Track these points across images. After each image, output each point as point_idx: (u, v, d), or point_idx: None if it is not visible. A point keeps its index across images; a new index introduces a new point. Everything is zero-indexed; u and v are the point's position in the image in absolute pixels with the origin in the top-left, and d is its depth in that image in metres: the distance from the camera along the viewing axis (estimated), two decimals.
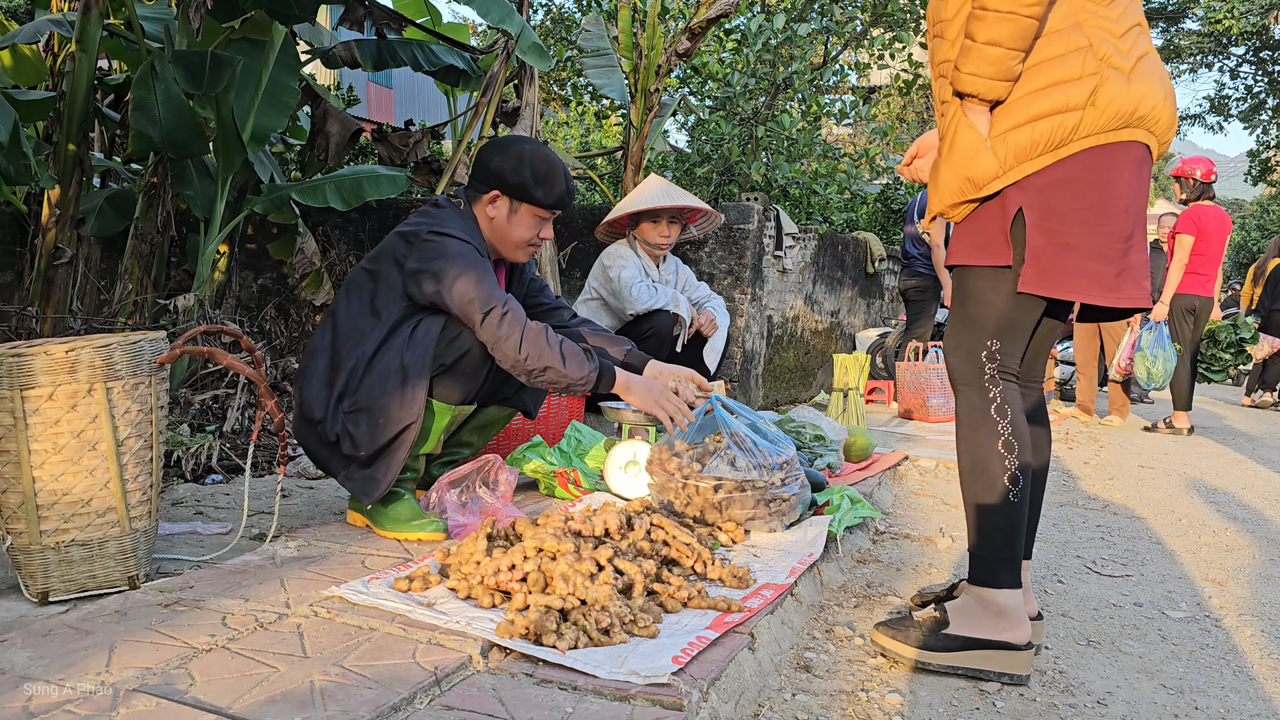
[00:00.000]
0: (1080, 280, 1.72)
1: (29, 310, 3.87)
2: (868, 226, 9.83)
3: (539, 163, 2.41)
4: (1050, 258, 1.71)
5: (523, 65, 4.97)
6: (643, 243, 3.77)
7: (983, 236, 1.78)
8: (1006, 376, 1.82)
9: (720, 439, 2.44)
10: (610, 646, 1.63)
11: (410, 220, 2.39)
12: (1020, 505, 1.80)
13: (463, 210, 2.45)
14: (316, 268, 4.96)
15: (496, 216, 2.44)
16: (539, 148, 2.46)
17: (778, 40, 7.87)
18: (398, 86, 21.27)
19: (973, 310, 1.82)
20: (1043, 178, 1.72)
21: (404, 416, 2.23)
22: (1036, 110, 1.69)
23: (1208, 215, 6.10)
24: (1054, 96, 1.68)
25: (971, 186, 1.77)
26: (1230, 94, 20.28)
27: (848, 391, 4.71)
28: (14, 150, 3.59)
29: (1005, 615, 1.81)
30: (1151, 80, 1.73)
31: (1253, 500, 3.94)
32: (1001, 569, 1.81)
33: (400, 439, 2.25)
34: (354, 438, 2.24)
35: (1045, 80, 1.70)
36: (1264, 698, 1.84)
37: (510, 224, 2.45)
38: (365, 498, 2.27)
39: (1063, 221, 1.71)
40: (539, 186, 2.41)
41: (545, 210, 2.45)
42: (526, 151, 2.42)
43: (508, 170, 2.40)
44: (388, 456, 2.26)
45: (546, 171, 2.42)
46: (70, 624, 1.66)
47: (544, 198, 2.42)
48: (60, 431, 1.79)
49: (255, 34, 4.20)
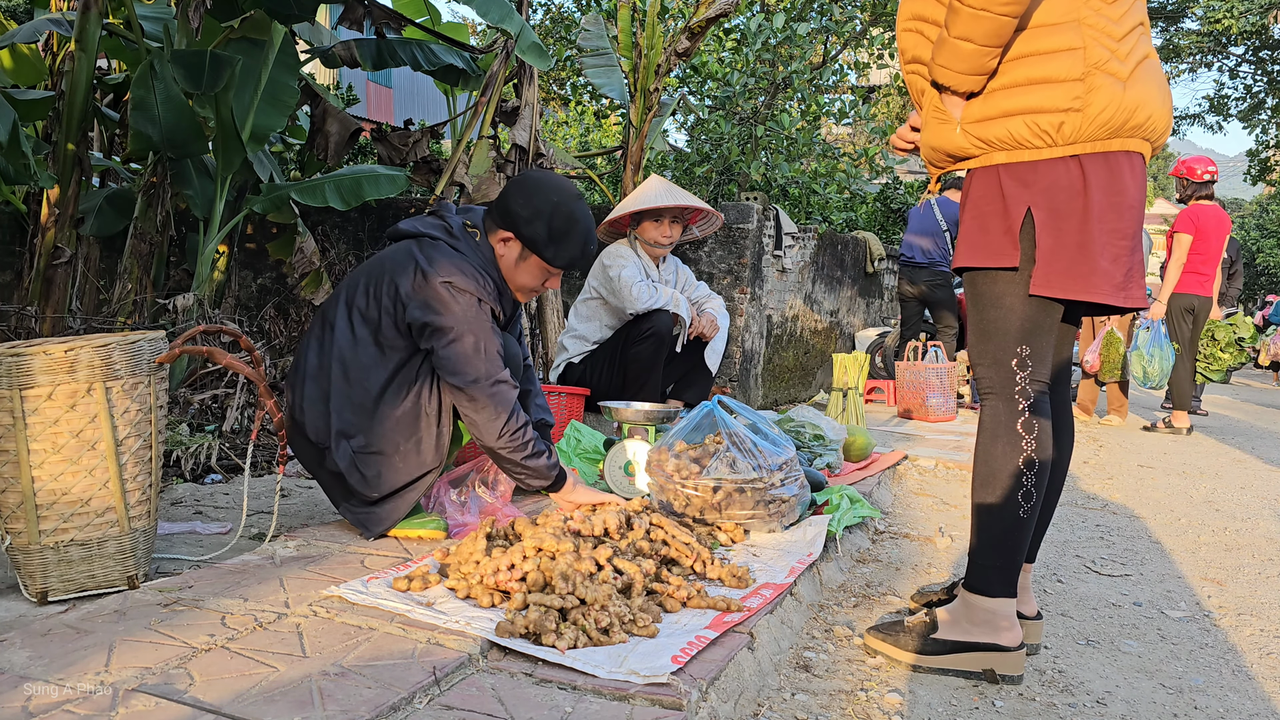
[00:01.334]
0: (1094, 280, 1.71)
1: (28, 310, 3.86)
2: (867, 226, 9.84)
3: (559, 220, 2.26)
4: (1062, 258, 1.70)
5: (522, 65, 4.97)
6: (643, 242, 3.77)
7: (987, 237, 1.77)
8: (1038, 386, 1.79)
9: (720, 439, 2.44)
10: (609, 646, 1.63)
11: (425, 249, 2.23)
12: (1028, 521, 1.79)
13: (479, 242, 2.32)
14: (316, 267, 4.96)
15: (505, 256, 2.32)
16: (565, 202, 2.29)
17: (777, 40, 7.87)
18: (397, 86, 21.27)
19: (992, 315, 1.79)
20: (1043, 178, 1.70)
21: (427, 462, 2.22)
22: (1013, 105, 1.69)
23: (1206, 214, 6.08)
24: (1035, 94, 1.67)
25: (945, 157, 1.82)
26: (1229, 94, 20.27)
27: (847, 391, 4.71)
28: (13, 150, 3.58)
29: (995, 620, 1.81)
30: (1149, 86, 1.71)
31: (1252, 500, 3.94)
32: (998, 579, 1.81)
33: (418, 482, 2.24)
34: (365, 478, 2.20)
35: (1028, 76, 1.68)
36: (1263, 697, 1.84)
37: (516, 269, 2.33)
38: (365, 532, 2.25)
39: (1072, 221, 1.70)
40: (551, 246, 2.28)
41: (554, 268, 2.34)
42: (550, 205, 2.26)
43: (524, 219, 2.26)
44: (398, 498, 2.23)
45: (565, 232, 2.27)
46: (69, 624, 1.65)
47: (553, 258, 2.29)
48: (59, 431, 1.79)
49: (255, 33, 4.19)
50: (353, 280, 2.29)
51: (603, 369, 3.64)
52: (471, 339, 2.16)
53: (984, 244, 1.77)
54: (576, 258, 2.32)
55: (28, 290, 3.94)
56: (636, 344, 3.54)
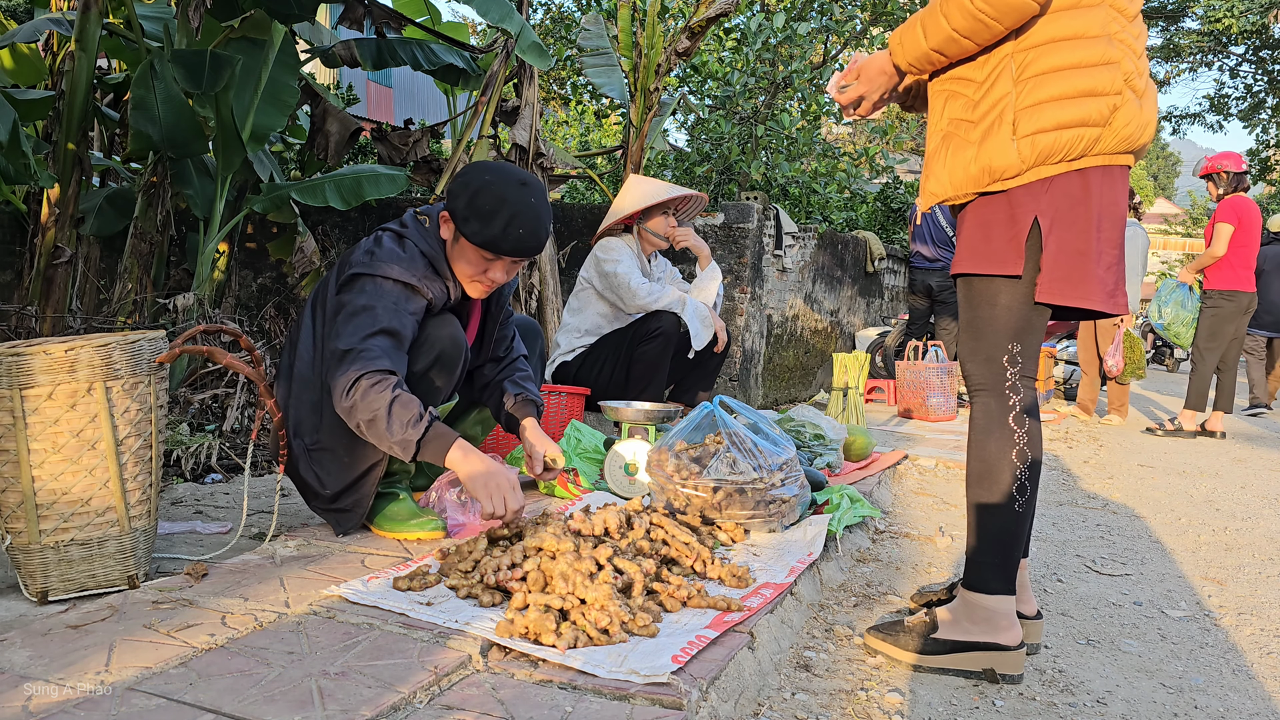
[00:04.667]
0: (1091, 287, 1.74)
1: (28, 309, 3.86)
2: (867, 225, 9.83)
3: (484, 198, 2.11)
4: (1065, 266, 1.72)
5: (522, 64, 4.97)
6: (650, 235, 3.78)
7: (990, 246, 1.77)
8: (1026, 382, 1.82)
9: (720, 440, 2.44)
10: (610, 645, 1.63)
11: (360, 249, 2.19)
12: (1025, 515, 1.81)
13: (428, 229, 2.24)
14: (316, 267, 4.96)
15: (449, 240, 2.22)
16: (499, 184, 2.14)
17: (777, 39, 7.87)
18: (397, 85, 21.26)
19: (986, 315, 1.81)
20: (1056, 188, 1.72)
21: (370, 455, 2.18)
22: (1065, 118, 1.68)
23: (1247, 206, 5.91)
24: (1083, 107, 1.68)
25: (988, 176, 1.75)
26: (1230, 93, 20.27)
27: (847, 390, 4.72)
28: (13, 149, 3.58)
29: (995, 618, 1.82)
30: (1153, 106, 1.76)
31: (1253, 499, 3.94)
32: (996, 575, 1.82)
33: (368, 475, 2.21)
34: (319, 477, 2.20)
35: (1077, 88, 1.69)
36: (1263, 696, 1.84)
37: (454, 253, 2.22)
38: (339, 529, 2.26)
39: (1074, 231, 1.72)
40: (473, 221, 2.12)
41: (484, 250, 2.15)
42: (483, 183, 2.13)
43: (454, 194, 2.15)
44: (354, 492, 2.22)
45: (490, 211, 2.11)
46: (70, 623, 1.65)
47: (472, 234, 2.12)
48: (59, 431, 1.79)
49: (255, 33, 4.19)
50: (323, 281, 2.28)
51: (606, 366, 3.64)
52: (365, 312, 2.06)
53: (988, 252, 1.77)
54: (498, 239, 2.12)
55: (28, 290, 3.94)
56: (644, 343, 3.54)
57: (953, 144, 1.80)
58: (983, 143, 1.74)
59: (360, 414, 1.99)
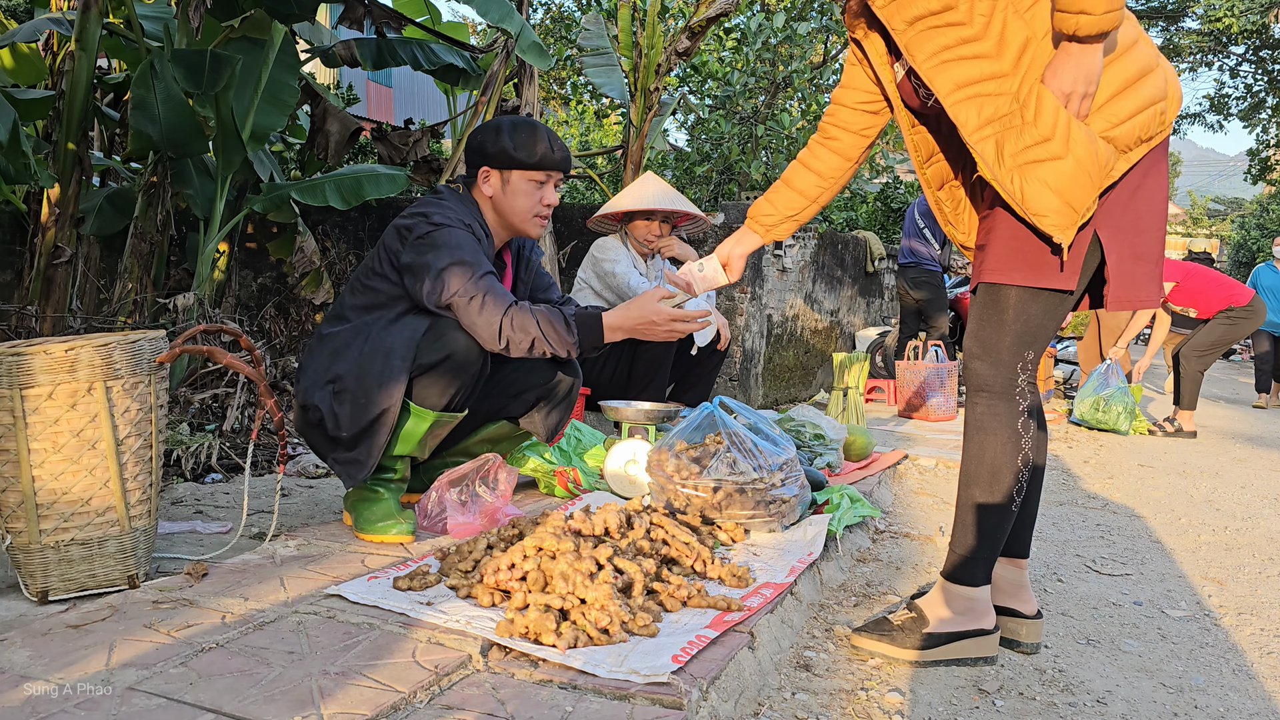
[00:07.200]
0: (1152, 288, 1.74)
1: (29, 309, 3.86)
2: (867, 225, 9.84)
3: (519, 131, 2.39)
4: (1129, 274, 1.72)
5: (522, 64, 4.97)
6: (633, 239, 3.80)
7: (1035, 258, 1.70)
8: (1033, 386, 1.83)
9: (720, 440, 2.44)
10: (610, 645, 1.63)
11: (407, 211, 2.36)
12: (1015, 514, 1.87)
13: (461, 195, 2.43)
14: (316, 267, 4.96)
15: (494, 193, 2.41)
16: (516, 120, 2.44)
17: (777, 39, 7.87)
18: (397, 85, 21.26)
19: (1011, 320, 1.77)
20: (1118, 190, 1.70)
21: (382, 400, 2.21)
22: (1136, 104, 1.65)
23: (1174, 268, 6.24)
24: (1147, 87, 1.66)
25: (1104, 174, 1.65)
26: (1230, 93, 20.26)
27: (847, 390, 4.71)
28: (13, 149, 3.58)
29: (976, 605, 1.89)
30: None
31: (1253, 499, 3.94)
32: (983, 569, 1.88)
33: (380, 421, 2.22)
34: (338, 417, 2.24)
35: (1134, 70, 1.66)
36: (1264, 696, 1.84)
37: (506, 196, 2.40)
38: (349, 480, 2.27)
39: (1132, 233, 1.72)
40: (520, 149, 2.37)
41: (536, 171, 2.39)
42: (505, 121, 2.41)
43: (488, 141, 2.39)
44: (369, 438, 2.24)
45: (527, 134, 2.38)
46: (70, 623, 1.65)
47: (527, 157, 2.37)
48: (60, 430, 1.79)
49: (255, 33, 4.19)
50: (358, 268, 2.44)
51: (607, 365, 3.64)
52: (456, 263, 2.23)
53: (1034, 264, 1.70)
54: (547, 150, 2.38)
55: (28, 290, 3.94)
56: (647, 342, 3.54)
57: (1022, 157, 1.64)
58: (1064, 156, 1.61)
59: (521, 345, 2.24)
